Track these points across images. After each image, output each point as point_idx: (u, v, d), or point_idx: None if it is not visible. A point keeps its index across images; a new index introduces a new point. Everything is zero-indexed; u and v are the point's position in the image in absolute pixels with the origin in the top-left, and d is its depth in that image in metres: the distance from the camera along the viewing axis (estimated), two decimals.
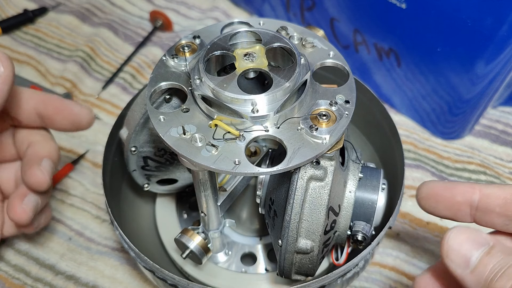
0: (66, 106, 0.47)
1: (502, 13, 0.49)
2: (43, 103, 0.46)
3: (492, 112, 0.67)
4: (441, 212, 0.40)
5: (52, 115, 0.47)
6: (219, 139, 0.36)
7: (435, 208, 0.40)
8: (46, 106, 0.46)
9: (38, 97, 0.47)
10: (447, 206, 0.39)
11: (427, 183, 0.41)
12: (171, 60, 0.41)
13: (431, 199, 0.40)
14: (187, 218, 0.56)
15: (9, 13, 0.80)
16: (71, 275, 0.54)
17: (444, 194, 0.40)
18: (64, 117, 0.47)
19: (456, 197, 0.39)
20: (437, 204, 0.40)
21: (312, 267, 0.42)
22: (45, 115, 0.47)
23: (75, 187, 0.61)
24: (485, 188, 0.38)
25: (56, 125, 0.48)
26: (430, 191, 0.40)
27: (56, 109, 0.47)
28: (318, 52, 0.42)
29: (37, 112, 0.46)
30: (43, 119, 0.47)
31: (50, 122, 0.47)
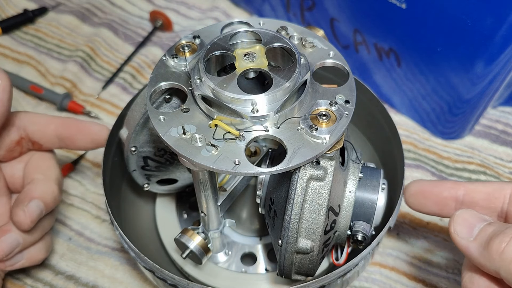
0: (85, 126, 0.50)
1: (502, 13, 0.49)
2: (64, 125, 0.49)
3: (492, 112, 0.67)
4: (428, 208, 0.45)
5: (74, 136, 0.49)
6: (219, 139, 0.36)
7: (423, 205, 0.45)
8: (67, 128, 0.49)
9: (58, 120, 0.49)
10: (435, 201, 0.44)
11: (416, 181, 0.46)
12: (171, 60, 0.41)
13: (420, 195, 0.45)
14: (187, 218, 0.56)
15: (9, 13, 0.80)
16: (71, 275, 0.54)
17: (432, 190, 0.44)
18: (84, 136, 0.50)
19: (443, 192, 0.43)
20: (425, 200, 0.44)
21: (312, 267, 0.42)
22: (67, 137, 0.49)
23: (75, 187, 0.61)
24: (470, 185, 0.43)
25: (77, 145, 0.50)
26: (418, 188, 0.45)
27: (77, 130, 0.49)
28: (318, 52, 0.42)
29: (57, 134, 0.49)
30: (65, 141, 0.49)
31: (72, 142, 0.50)
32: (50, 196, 0.47)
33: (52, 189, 0.47)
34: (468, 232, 0.38)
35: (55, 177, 0.49)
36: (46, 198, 0.46)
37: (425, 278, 0.54)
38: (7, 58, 0.74)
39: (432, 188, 0.44)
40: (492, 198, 0.42)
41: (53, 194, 0.47)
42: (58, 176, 0.49)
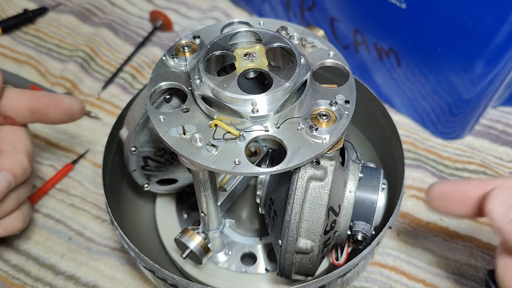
0: (56, 98, 0.50)
1: (502, 13, 0.49)
2: (35, 99, 0.49)
3: (492, 112, 0.67)
4: (455, 209, 0.41)
5: (45, 109, 0.49)
6: (219, 139, 0.36)
7: (448, 207, 0.41)
8: (38, 102, 0.49)
9: (29, 94, 0.49)
10: (462, 201, 0.40)
11: (437, 183, 0.42)
12: (171, 60, 0.41)
13: (444, 197, 0.41)
14: (187, 218, 0.56)
15: (9, 13, 0.80)
16: (71, 275, 0.54)
17: (457, 190, 0.41)
18: (56, 108, 0.49)
19: (470, 192, 0.40)
20: (450, 202, 0.41)
21: (312, 267, 0.42)
22: (39, 110, 0.49)
23: (75, 187, 0.61)
24: (495, 180, 0.39)
25: (51, 118, 0.50)
26: (441, 191, 0.41)
27: (48, 103, 0.49)
28: (318, 52, 0.42)
29: (29, 108, 0.49)
30: (37, 115, 0.49)
31: (45, 116, 0.49)
32: (18, 168, 0.47)
33: (21, 161, 0.47)
34: (505, 212, 0.36)
35: (25, 149, 0.49)
36: (15, 170, 0.46)
37: (425, 278, 0.54)
38: (7, 58, 0.74)
39: (457, 188, 0.41)
40: None
41: (22, 166, 0.47)
42: (28, 149, 0.49)
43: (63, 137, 0.66)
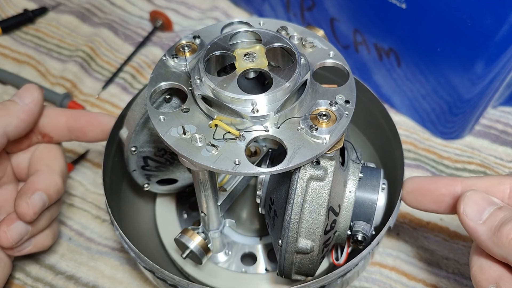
0: (95, 117, 0.51)
1: (502, 13, 0.49)
2: (74, 118, 0.50)
3: (492, 112, 0.67)
4: (425, 205, 0.44)
5: (84, 128, 0.50)
6: (219, 139, 0.36)
7: (420, 202, 0.44)
8: (77, 121, 0.50)
9: (68, 113, 0.51)
10: (432, 198, 0.43)
11: (413, 178, 0.45)
12: (171, 60, 0.41)
13: (417, 193, 0.44)
14: (187, 218, 0.56)
15: (9, 13, 0.80)
16: (71, 275, 0.54)
17: (429, 187, 0.43)
18: (95, 128, 0.50)
19: (440, 189, 0.42)
20: (422, 198, 0.44)
21: (312, 267, 0.42)
22: (77, 129, 0.50)
23: (75, 187, 0.61)
24: (467, 180, 0.42)
25: (88, 137, 0.51)
26: (415, 185, 0.44)
27: (87, 122, 0.50)
28: (318, 52, 0.42)
29: (68, 127, 0.50)
30: (75, 133, 0.50)
31: (83, 134, 0.51)
32: (53, 188, 0.47)
33: (55, 181, 0.48)
34: (477, 214, 0.37)
35: (59, 169, 0.49)
36: (50, 190, 0.47)
37: (425, 278, 0.54)
38: (7, 58, 0.74)
39: (428, 185, 0.43)
40: (490, 193, 0.40)
41: (56, 186, 0.48)
42: (63, 168, 0.50)
43: None
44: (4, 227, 0.46)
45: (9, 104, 0.46)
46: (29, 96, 0.47)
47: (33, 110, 0.47)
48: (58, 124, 0.50)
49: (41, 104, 0.48)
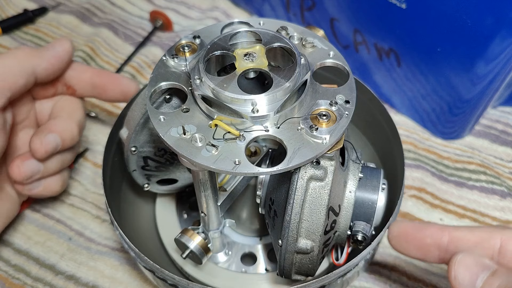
0: (117, 78, 0.55)
1: (502, 13, 0.49)
2: (97, 74, 0.54)
3: (492, 112, 0.67)
4: (411, 253, 0.41)
5: (106, 85, 0.54)
6: (219, 139, 0.36)
7: (405, 248, 0.41)
8: (100, 77, 0.54)
9: (92, 70, 0.54)
10: (417, 247, 0.41)
11: (398, 223, 0.42)
12: (171, 60, 0.41)
13: (402, 239, 0.41)
14: (187, 218, 0.56)
15: (9, 13, 0.80)
16: (71, 275, 0.54)
17: (415, 235, 0.41)
18: (115, 87, 0.54)
19: (425, 239, 0.40)
20: (408, 245, 0.41)
21: (312, 267, 0.42)
22: (99, 85, 0.54)
23: (75, 187, 0.61)
24: (455, 231, 0.39)
25: (108, 95, 0.55)
26: (401, 231, 0.42)
27: (109, 80, 0.54)
28: (318, 52, 0.42)
29: (92, 82, 0.54)
30: (97, 89, 0.54)
31: (103, 91, 0.54)
32: (68, 133, 0.51)
33: (71, 128, 0.51)
34: (470, 282, 0.35)
35: (77, 119, 0.53)
36: (64, 135, 0.50)
37: (425, 278, 0.54)
38: None
39: (415, 233, 0.41)
40: (479, 249, 0.38)
41: (71, 133, 0.51)
42: (81, 119, 0.53)
43: None
44: (18, 161, 0.49)
45: (42, 49, 0.50)
46: (60, 45, 0.51)
47: (62, 58, 0.51)
48: (83, 78, 0.53)
49: (70, 55, 0.52)
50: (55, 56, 0.50)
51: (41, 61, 0.49)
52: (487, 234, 0.38)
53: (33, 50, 0.49)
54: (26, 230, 0.57)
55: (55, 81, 0.52)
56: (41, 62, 0.49)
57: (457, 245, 0.39)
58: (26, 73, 0.48)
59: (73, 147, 0.53)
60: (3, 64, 0.47)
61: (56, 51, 0.50)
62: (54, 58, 0.50)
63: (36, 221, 0.58)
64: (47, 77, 0.51)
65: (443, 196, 0.60)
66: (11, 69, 0.47)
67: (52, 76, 0.51)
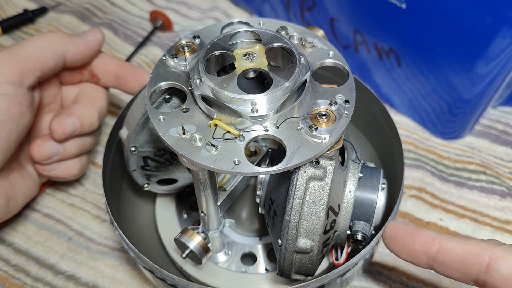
0: (138, 71, 0.56)
1: (502, 13, 0.49)
2: (122, 66, 0.56)
3: (492, 112, 0.67)
4: (400, 255, 0.42)
5: (127, 76, 0.56)
6: (219, 139, 0.36)
7: (395, 250, 0.42)
8: (123, 69, 0.56)
9: (117, 61, 0.56)
10: (407, 252, 0.41)
11: (393, 223, 0.42)
12: (171, 60, 0.41)
13: (393, 240, 0.42)
14: (187, 218, 0.56)
15: (9, 13, 0.80)
16: (71, 275, 0.54)
17: (405, 240, 0.41)
18: (135, 79, 0.56)
19: (415, 245, 0.40)
20: (398, 247, 0.41)
21: (312, 267, 0.42)
22: (122, 76, 0.55)
23: (75, 187, 0.61)
24: (445, 242, 0.39)
25: (128, 86, 0.56)
26: (393, 233, 0.42)
27: (131, 72, 0.56)
28: (318, 52, 0.42)
29: (115, 73, 0.55)
30: (119, 80, 0.56)
31: (124, 83, 0.56)
32: (87, 118, 0.53)
33: (91, 113, 0.53)
34: None
35: (99, 105, 0.55)
36: (83, 119, 0.52)
37: (425, 278, 0.54)
38: None
39: (405, 237, 0.41)
40: (466, 264, 0.37)
41: (90, 118, 0.53)
42: (102, 107, 0.55)
43: None
44: (39, 141, 0.51)
45: (74, 35, 0.52)
46: (92, 35, 0.53)
47: (92, 46, 0.53)
48: (108, 68, 0.55)
49: (100, 45, 0.54)
50: (86, 44, 0.52)
51: (72, 46, 0.51)
52: (476, 249, 0.37)
53: (65, 35, 0.51)
54: (26, 230, 0.57)
55: (82, 68, 0.55)
56: (72, 47, 0.51)
57: (445, 257, 0.38)
58: (57, 55, 0.50)
59: (94, 133, 0.56)
60: (35, 44, 0.49)
61: (88, 39, 0.53)
62: (84, 46, 0.52)
63: (36, 221, 0.58)
64: (75, 63, 0.53)
65: (443, 196, 0.60)
66: (43, 50, 0.49)
67: (80, 63, 0.53)
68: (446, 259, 0.38)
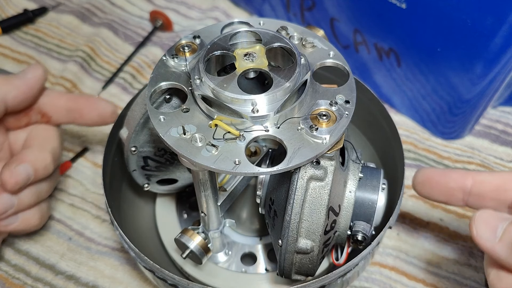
0: (93, 101, 0.53)
1: (502, 13, 0.49)
2: (73, 99, 0.52)
3: (492, 112, 0.67)
4: (435, 197, 0.44)
5: (82, 109, 0.52)
6: (219, 139, 0.36)
7: (430, 193, 0.44)
8: (75, 102, 0.52)
9: (68, 95, 0.53)
10: (442, 191, 0.43)
11: (424, 169, 0.45)
12: (171, 60, 0.41)
13: (427, 184, 0.44)
14: (187, 218, 0.56)
15: (9, 13, 0.80)
16: (71, 275, 0.54)
17: (439, 180, 0.43)
18: (92, 110, 0.52)
19: (450, 183, 0.43)
20: (432, 190, 0.44)
21: (312, 267, 0.42)
22: (75, 110, 0.52)
23: (75, 187, 0.61)
24: (478, 175, 0.42)
25: (85, 119, 0.52)
26: (426, 177, 0.44)
27: (85, 104, 0.52)
28: (318, 52, 0.42)
29: (67, 108, 0.51)
30: (73, 115, 0.52)
31: (80, 116, 0.52)
32: (40, 163, 0.47)
33: (44, 157, 0.48)
34: (491, 233, 0.37)
35: (51, 147, 0.50)
36: (36, 164, 0.47)
37: (425, 278, 0.54)
38: (7, 58, 0.74)
39: (439, 178, 0.44)
40: (501, 190, 0.40)
41: (44, 162, 0.48)
42: (55, 148, 0.50)
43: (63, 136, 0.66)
44: None
45: (11, 76, 0.48)
46: (32, 72, 0.49)
47: (33, 85, 0.48)
48: (57, 104, 0.51)
49: (42, 81, 0.49)
50: (26, 84, 0.48)
51: (11, 88, 0.47)
52: (508, 176, 0.41)
53: (2, 78, 0.47)
54: None
55: (28, 109, 0.50)
56: (11, 90, 0.47)
57: (480, 188, 0.41)
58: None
59: (50, 177, 0.50)
60: None
61: (27, 78, 0.48)
62: (25, 86, 0.48)
63: None
64: (18, 106, 0.48)
65: None
66: None
67: (24, 105, 0.49)
68: (482, 190, 0.41)
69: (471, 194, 0.42)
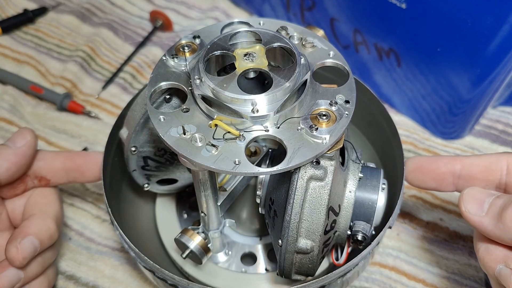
0: (92, 157, 0.50)
1: (502, 13, 0.49)
2: (70, 158, 0.50)
3: (492, 112, 0.67)
4: (427, 184, 0.46)
5: (81, 167, 0.50)
6: (219, 139, 0.36)
7: (421, 180, 0.46)
8: (73, 161, 0.49)
9: (64, 154, 0.50)
10: (433, 177, 0.45)
11: (414, 158, 0.47)
12: (171, 60, 0.41)
13: (418, 171, 0.46)
14: (187, 218, 0.56)
15: (9, 13, 0.80)
16: (71, 275, 0.54)
17: (430, 166, 0.45)
18: (92, 166, 0.50)
19: (440, 168, 0.45)
20: (424, 176, 0.46)
21: (312, 267, 0.42)
22: (75, 169, 0.49)
23: (75, 187, 0.61)
24: (466, 159, 0.44)
25: (85, 177, 0.50)
26: (417, 165, 0.46)
27: (84, 161, 0.50)
28: (318, 52, 0.42)
29: (65, 168, 0.49)
30: (73, 174, 0.50)
31: (80, 174, 0.50)
32: (45, 233, 0.46)
33: (48, 226, 0.46)
34: (478, 208, 0.38)
35: (53, 213, 0.48)
36: (41, 235, 0.45)
37: (425, 278, 0.54)
38: (7, 58, 0.74)
39: (429, 164, 0.45)
40: (489, 171, 0.43)
41: (48, 231, 0.46)
42: (57, 213, 0.49)
43: (63, 136, 0.66)
44: None
45: (0, 147, 0.46)
46: (21, 140, 0.46)
47: (25, 153, 0.46)
48: (54, 166, 0.49)
49: (34, 147, 0.47)
50: (17, 154, 0.45)
51: (1, 162, 0.45)
52: (495, 158, 0.43)
53: None
54: None
55: (23, 176, 0.48)
56: (2, 163, 0.45)
57: (469, 170, 0.44)
58: None
59: (54, 244, 0.48)
60: None
61: (18, 148, 0.46)
62: (16, 156, 0.45)
63: None
64: (12, 177, 0.46)
65: (443, 196, 0.60)
66: None
67: (17, 175, 0.46)
68: (471, 172, 0.43)
69: (461, 177, 0.44)
